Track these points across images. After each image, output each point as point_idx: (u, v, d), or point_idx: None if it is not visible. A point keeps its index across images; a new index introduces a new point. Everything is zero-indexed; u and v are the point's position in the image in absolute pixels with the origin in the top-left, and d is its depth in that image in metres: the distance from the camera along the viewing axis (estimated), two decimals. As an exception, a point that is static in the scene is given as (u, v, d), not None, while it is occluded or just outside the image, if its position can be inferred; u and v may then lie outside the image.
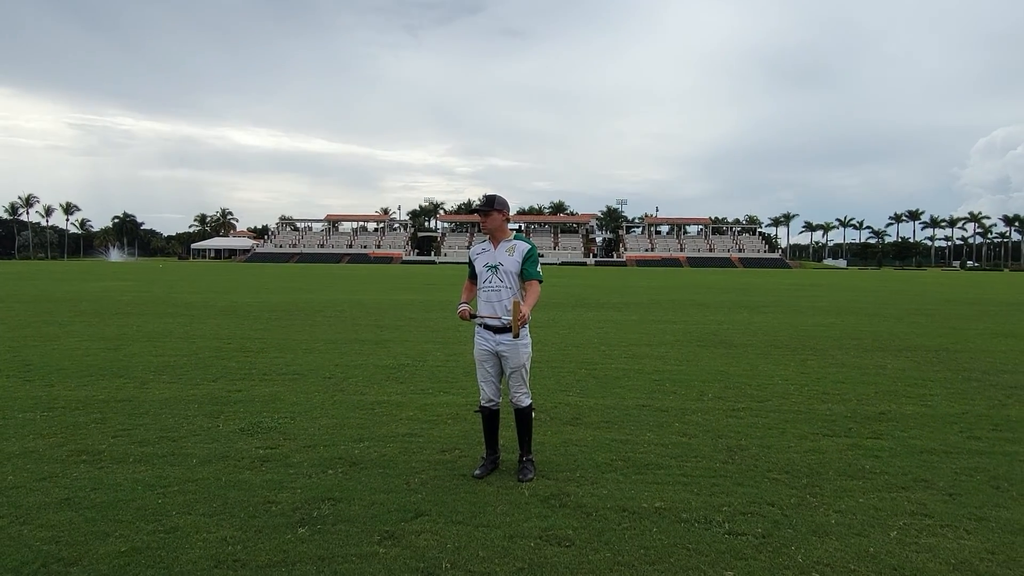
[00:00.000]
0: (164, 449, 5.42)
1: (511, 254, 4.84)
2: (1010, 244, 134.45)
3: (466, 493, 4.54)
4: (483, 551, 3.68)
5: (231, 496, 4.44)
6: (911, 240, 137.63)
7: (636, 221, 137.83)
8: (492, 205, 4.83)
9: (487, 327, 4.85)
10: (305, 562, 3.53)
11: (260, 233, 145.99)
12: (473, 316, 4.87)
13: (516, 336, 4.65)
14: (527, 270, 4.81)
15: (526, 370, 4.91)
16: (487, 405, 4.98)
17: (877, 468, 5.10)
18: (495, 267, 4.82)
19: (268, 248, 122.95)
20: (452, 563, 3.53)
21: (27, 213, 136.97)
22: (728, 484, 4.73)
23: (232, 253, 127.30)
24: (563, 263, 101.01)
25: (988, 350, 11.38)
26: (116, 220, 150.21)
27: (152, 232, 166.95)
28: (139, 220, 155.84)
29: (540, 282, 4.87)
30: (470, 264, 5.07)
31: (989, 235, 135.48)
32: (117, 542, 3.74)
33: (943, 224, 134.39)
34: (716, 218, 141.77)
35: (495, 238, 4.91)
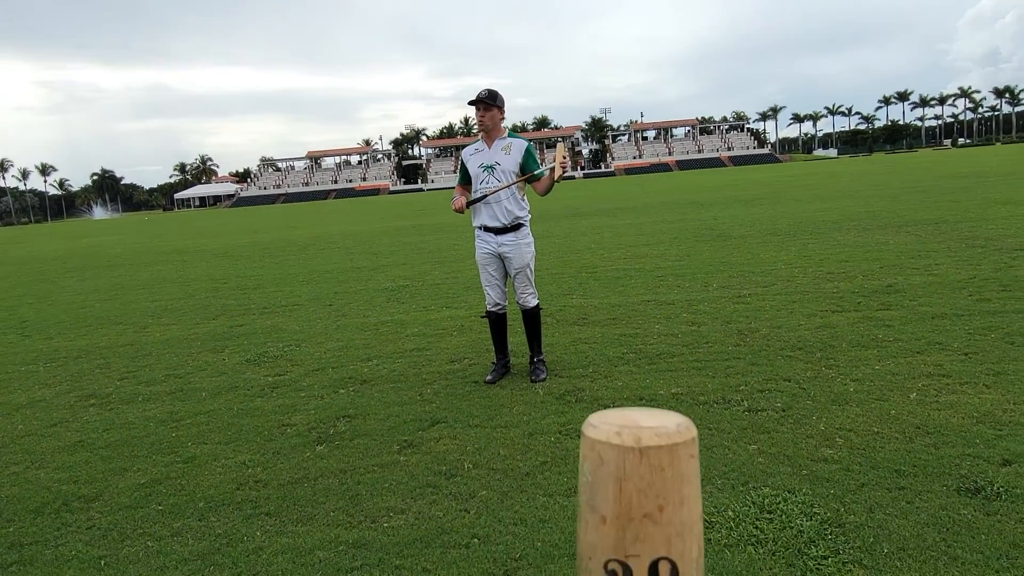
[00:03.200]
0: (172, 386, 5.37)
1: (508, 152, 4.63)
2: (1001, 117, 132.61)
3: (480, 398, 4.51)
4: (504, 449, 3.65)
5: (245, 423, 4.40)
6: (901, 123, 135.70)
7: (622, 129, 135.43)
8: (495, 100, 4.57)
9: (487, 228, 4.69)
10: (327, 476, 3.50)
11: (243, 177, 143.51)
12: (470, 203, 4.69)
13: (560, 178, 4.53)
14: (533, 169, 4.62)
15: (531, 269, 4.80)
16: (493, 309, 4.88)
17: (890, 336, 5.06)
18: (491, 167, 4.62)
19: (252, 191, 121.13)
20: (474, 463, 3.50)
21: (3, 178, 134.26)
22: (742, 365, 4.70)
23: (217, 200, 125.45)
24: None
25: (988, 218, 11.29)
26: (95, 177, 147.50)
27: (133, 186, 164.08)
28: (118, 175, 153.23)
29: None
30: (462, 167, 4.86)
31: (980, 109, 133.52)
32: (136, 476, 3.71)
33: (933, 103, 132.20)
34: (703, 118, 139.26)
35: (490, 137, 4.69)
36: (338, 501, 3.22)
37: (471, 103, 4.57)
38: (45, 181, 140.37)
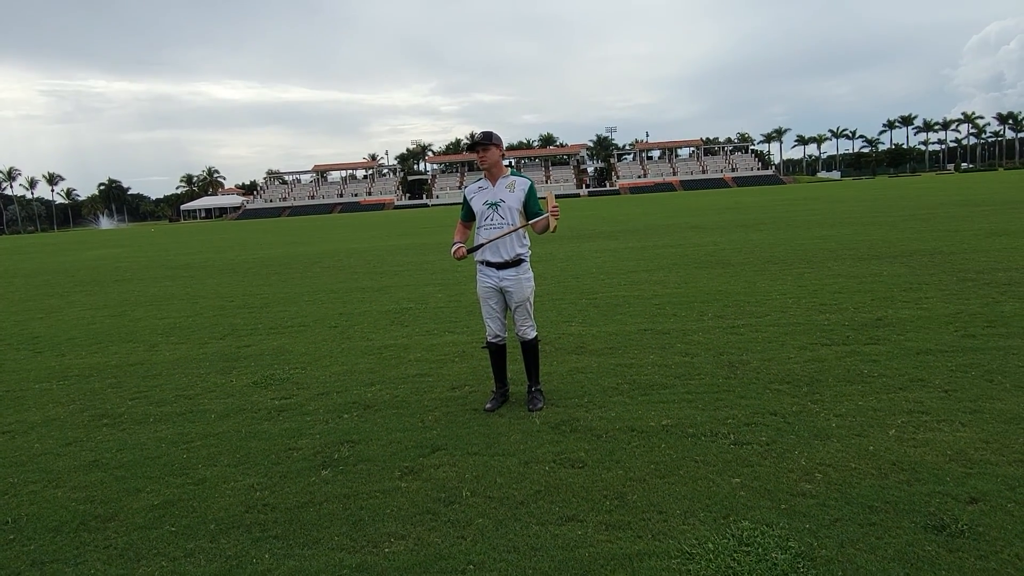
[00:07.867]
0: (182, 407, 5.56)
1: (512, 190, 4.85)
2: (1004, 143, 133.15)
3: (479, 426, 4.69)
4: (500, 478, 3.83)
5: (252, 446, 4.59)
6: (905, 146, 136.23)
7: (627, 148, 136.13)
8: (491, 140, 4.81)
9: (489, 264, 4.90)
10: (332, 501, 3.68)
11: (249, 189, 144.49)
12: (470, 251, 4.91)
13: (554, 231, 4.77)
14: (534, 210, 4.85)
15: (530, 303, 5.00)
16: (493, 341, 5.08)
17: (875, 372, 5.24)
18: (495, 204, 4.84)
19: (258, 204, 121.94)
20: (472, 491, 3.69)
21: (11, 187, 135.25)
22: (731, 398, 4.88)
23: (223, 212, 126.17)
24: (556, 196, 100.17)
25: (982, 249, 11.49)
26: (102, 187, 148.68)
27: (140, 196, 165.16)
28: (125, 185, 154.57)
29: None
30: (464, 204, 5.07)
31: (983, 135, 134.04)
32: (149, 496, 3.89)
33: (936, 127, 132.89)
34: (707, 139, 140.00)
35: (492, 175, 4.91)
36: (342, 526, 3.40)
37: (468, 148, 4.84)
38: (52, 190, 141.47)
